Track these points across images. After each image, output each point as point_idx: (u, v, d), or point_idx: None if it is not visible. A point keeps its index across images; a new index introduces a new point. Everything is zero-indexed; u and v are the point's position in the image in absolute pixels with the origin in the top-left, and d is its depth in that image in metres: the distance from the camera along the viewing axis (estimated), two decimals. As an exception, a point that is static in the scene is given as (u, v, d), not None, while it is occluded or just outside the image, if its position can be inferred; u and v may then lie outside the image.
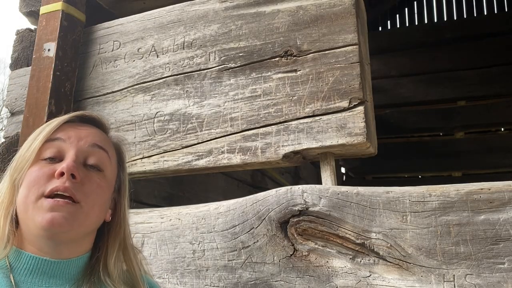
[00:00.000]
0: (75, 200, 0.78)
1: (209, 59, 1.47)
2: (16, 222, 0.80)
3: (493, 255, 0.97)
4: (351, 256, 1.09)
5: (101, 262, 0.86)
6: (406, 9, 5.28)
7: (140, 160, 1.49)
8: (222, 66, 1.45)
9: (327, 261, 1.11)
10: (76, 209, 0.78)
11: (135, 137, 1.52)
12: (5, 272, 0.77)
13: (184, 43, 1.53)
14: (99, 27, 1.73)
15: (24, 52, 1.87)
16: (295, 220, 1.16)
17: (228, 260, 1.23)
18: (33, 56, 1.65)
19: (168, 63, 1.54)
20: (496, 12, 4.82)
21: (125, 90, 1.59)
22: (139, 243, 1.35)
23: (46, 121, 1.51)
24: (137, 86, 1.57)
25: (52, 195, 0.77)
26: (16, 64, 1.88)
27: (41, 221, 0.75)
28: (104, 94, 1.63)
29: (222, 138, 1.38)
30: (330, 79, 1.28)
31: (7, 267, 0.77)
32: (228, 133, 1.37)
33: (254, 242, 1.20)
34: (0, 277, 0.76)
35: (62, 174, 0.77)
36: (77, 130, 0.85)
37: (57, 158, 0.81)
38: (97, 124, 0.92)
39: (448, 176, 4.50)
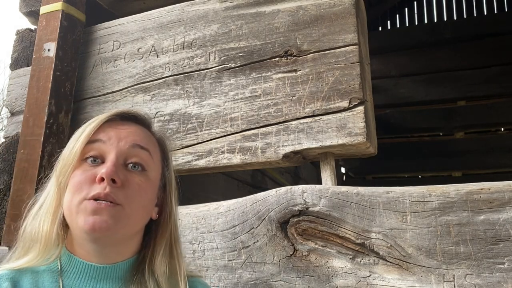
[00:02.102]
0: (117, 203, 0.77)
1: (209, 59, 1.47)
2: (65, 225, 0.80)
3: (493, 255, 0.97)
4: (351, 256, 1.09)
5: (147, 261, 0.85)
6: (406, 9, 5.28)
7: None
8: (222, 66, 1.45)
9: (327, 261, 1.11)
10: (117, 211, 0.77)
11: (135, 137, 1.52)
12: (55, 275, 0.78)
13: (184, 43, 1.53)
14: (99, 27, 1.73)
15: (24, 52, 1.87)
16: (295, 220, 1.16)
17: (228, 260, 1.23)
18: (33, 56, 1.65)
19: (168, 63, 1.54)
20: (496, 12, 4.82)
21: (125, 90, 1.59)
22: (139, 243, 1.35)
23: (46, 121, 1.52)
24: (137, 86, 1.57)
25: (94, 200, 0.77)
26: (16, 64, 1.88)
27: (83, 225, 0.75)
28: (104, 94, 1.63)
29: (222, 138, 1.38)
30: (330, 79, 1.28)
31: (58, 270, 0.78)
32: (228, 133, 1.37)
33: (254, 242, 1.20)
34: (50, 281, 0.77)
35: (102, 179, 0.77)
36: (117, 130, 0.84)
37: (99, 159, 0.81)
38: (138, 120, 0.90)
39: (448, 176, 4.51)
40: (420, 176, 4.66)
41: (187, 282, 0.88)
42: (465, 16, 4.96)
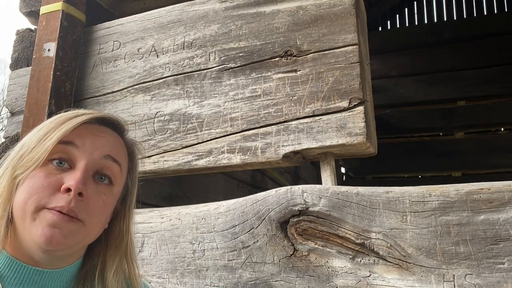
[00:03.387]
0: (79, 219, 0.73)
1: (209, 59, 1.47)
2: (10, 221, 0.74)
3: (493, 255, 0.97)
4: (351, 256, 1.09)
5: (97, 271, 0.81)
6: (406, 9, 5.28)
7: (140, 160, 1.49)
8: (222, 66, 1.45)
9: (327, 261, 1.11)
10: (78, 228, 0.73)
11: (135, 137, 1.52)
12: None
13: (184, 43, 1.53)
14: (99, 27, 1.73)
15: (24, 52, 1.87)
16: (295, 220, 1.16)
17: (228, 260, 1.23)
18: (33, 56, 1.65)
19: (168, 63, 1.54)
20: (496, 12, 4.82)
21: (125, 90, 1.59)
22: (139, 243, 1.35)
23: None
24: (137, 86, 1.57)
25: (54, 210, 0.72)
26: (16, 64, 1.88)
27: (39, 236, 0.70)
28: (104, 94, 1.63)
29: (222, 138, 1.38)
30: (330, 79, 1.28)
31: None
32: (228, 133, 1.37)
33: (254, 242, 1.20)
34: None
35: (68, 189, 0.72)
36: (93, 137, 0.79)
37: (67, 163, 0.75)
38: (115, 127, 0.85)
39: (448, 176, 4.50)
40: (420, 176, 4.66)
41: None
42: (465, 16, 4.96)
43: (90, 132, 0.79)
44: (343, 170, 4.97)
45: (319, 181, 1.36)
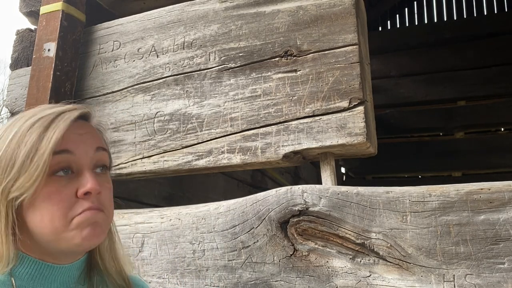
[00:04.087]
0: (102, 210, 0.77)
1: (209, 59, 1.47)
2: (14, 234, 0.73)
3: (493, 255, 0.97)
4: (351, 256, 1.09)
5: (97, 258, 0.85)
6: (406, 9, 5.28)
7: (140, 160, 1.49)
8: (222, 66, 1.45)
9: (327, 261, 1.11)
10: (106, 218, 0.78)
11: (135, 137, 1.52)
12: (6, 276, 0.74)
13: (184, 43, 1.53)
14: (99, 27, 1.73)
15: (24, 52, 1.87)
16: (295, 220, 1.16)
17: (228, 260, 1.23)
18: (33, 56, 1.65)
19: (168, 63, 1.54)
20: (496, 12, 4.82)
21: (125, 90, 1.59)
22: (139, 243, 1.35)
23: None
24: (137, 86, 1.57)
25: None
26: (16, 64, 1.88)
27: (83, 239, 0.73)
28: (104, 94, 1.63)
29: (222, 138, 1.38)
30: (330, 79, 1.28)
31: (8, 271, 0.74)
32: (228, 133, 1.37)
33: (254, 242, 1.20)
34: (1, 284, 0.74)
35: (87, 193, 0.75)
36: (79, 137, 0.79)
37: (69, 170, 0.76)
38: (85, 117, 0.85)
39: (448, 176, 4.50)
40: (420, 176, 4.66)
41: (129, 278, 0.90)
42: (465, 16, 4.96)
43: (74, 133, 0.78)
44: (343, 170, 4.97)
45: (319, 181, 1.36)
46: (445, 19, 5.03)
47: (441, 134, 4.61)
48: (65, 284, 0.80)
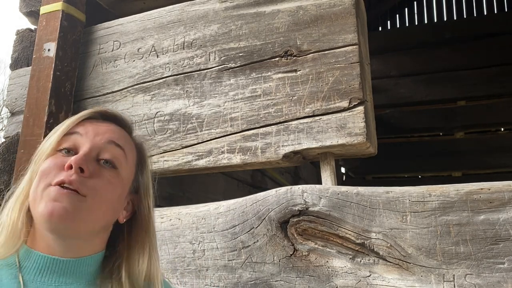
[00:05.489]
0: (81, 193, 0.75)
1: (209, 59, 1.47)
2: (30, 217, 0.78)
3: (493, 255, 0.97)
4: (351, 256, 1.09)
5: (123, 264, 0.83)
6: (406, 9, 5.28)
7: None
8: (222, 66, 1.45)
9: (327, 261, 1.11)
10: (79, 201, 0.74)
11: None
12: (14, 271, 0.75)
13: (184, 43, 1.53)
14: (99, 27, 1.73)
15: (24, 52, 1.87)
16: (295, 220, 1.16)
17: (228, 260, 1.23)
18: (33, 56, 1.65)
19: (168, 63, 1.54)
20: (496, 12, 4.82)
21: (125, 90, 1.59)
22: (139, 243, 1.35)
23: (46, 121, 1.52)
24: (137, 86, 1.57)
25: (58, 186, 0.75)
26: (16, 64, 1.88)
27: (42, 210, 0.73)
28: (104, 94, 1.63)
29: (222, 138, 1.38)
30: (330, 79, 1.28)
31: (16, 266, 0.75)
32: (228, 133, 1.37)
33: (254, 242, 1.20)
34: (9, 277, 0.74)
35: (71, 167, 0.75)
36: (96, 126, 0.84)
37: (73, 151, 0.80)
38: (119, 122, 0.89)
39: (448, 176, 4.50)
40: (420, 176, 4.66)
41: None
42: (465, 16, 4.96)
43: (93, 124, 0.84)
44: (343, 170, 4.97)
45: (319, 181, 1.36)
46: (445, 19, 5.03)
47: (441, 134, 4.62)
48: (74, 279, 0.78)
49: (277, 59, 1.37)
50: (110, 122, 0.87)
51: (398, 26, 5.27)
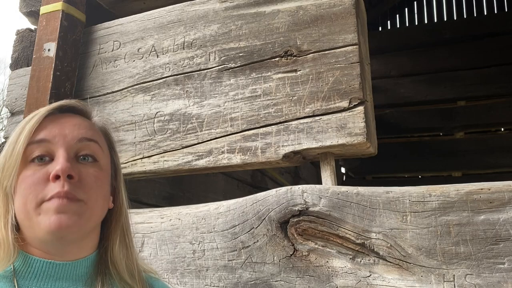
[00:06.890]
0: (78, 198, 0.75)
1: (209, 59, 1.47)
2: (16, 229, 0.76)
3: (493, 255, 0.97)
4: (351, 256, 1.09)
5: (108, 252, 0.83)
6: (406, 9, 5.28)
7: (140, 160, 1.49)
8: (222, 66, 1.45)
9: (327, 261, 1.11)
10: (80, 207, 0.75)
11: (135, 137, 1.52)
12: (10, 277, 0.74)
13: (184, 43, 1.53)
14: (99, 27, 1.73)
15: (24, 52, 1.87)
16: (295, 220, 1.16)
17: (228, 260, 1.23)
18: (33, 56, 1.65)
19: (168, 63, 1.54)
20: (496, 12, 4.82)
21: (125, 90, 1.59)
22: (139, 243, 1.35)
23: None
24: (137, 86, 1.57)
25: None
26: (16, 64, 1.88)
27: (48, 225, 0.72)
28: (104, 94, 1.63)
29: (222, 138, 1.38)
30: (330, 79, 1.28)
31: (11, 272, 0.74)
32: (228, 133, 1.37)
33: (254, 242, 1.20)
34: (5, 286, 0.73)
35: (57, 176, 0.74)
36: (60, 125, 0.81)
37: (47, 157, 0.77)
38: (78, 111, 0.87)
39: (448, 176, 4.50)
40: (420, 176, 4.66)
41: (145, 277, 0.88)
42: (465, 16, 4.96)
43: (55, 122, 0.81)
44: (343, 170, 4.97)
45: (319, 181, 1.36)
46: (445, 19, 5.03)
47: (441, 134, 4.61)
48: (71, 282, 0.77)
49: (277, 59, 1.37)
50: (69, 114, 0.86)
51: (398, 26, 5.27)
